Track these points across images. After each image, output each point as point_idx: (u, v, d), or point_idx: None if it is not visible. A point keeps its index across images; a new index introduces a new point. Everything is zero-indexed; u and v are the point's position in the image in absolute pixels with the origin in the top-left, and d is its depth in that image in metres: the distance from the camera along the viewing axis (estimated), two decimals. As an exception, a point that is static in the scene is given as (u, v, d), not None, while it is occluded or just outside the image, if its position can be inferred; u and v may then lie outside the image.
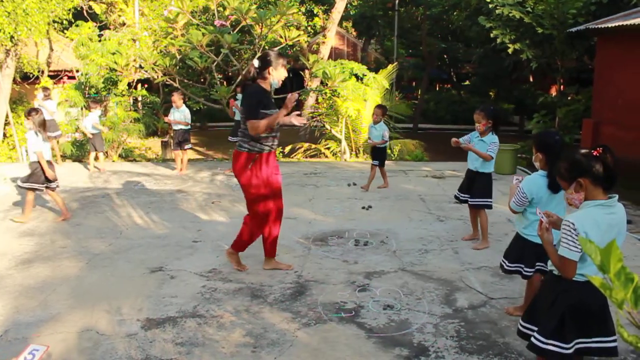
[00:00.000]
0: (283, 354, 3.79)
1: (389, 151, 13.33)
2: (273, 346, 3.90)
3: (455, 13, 23.47)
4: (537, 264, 4.17)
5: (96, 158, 10.86)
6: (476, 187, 6.10)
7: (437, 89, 34.18)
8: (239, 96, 10.28)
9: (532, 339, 2.99)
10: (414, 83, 32.02)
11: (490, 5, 12.39)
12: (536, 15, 11.76)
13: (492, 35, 12.78)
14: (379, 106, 8.99)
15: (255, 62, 5.09)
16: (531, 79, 25.35)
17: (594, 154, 2.79)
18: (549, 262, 3.01)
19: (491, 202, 6.08)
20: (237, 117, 10.14)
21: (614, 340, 2.91)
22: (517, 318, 3.29)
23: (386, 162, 12.40)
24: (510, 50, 12.63)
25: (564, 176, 2.94)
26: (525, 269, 4.24)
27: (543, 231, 3.00)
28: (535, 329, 3.02)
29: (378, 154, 8.90)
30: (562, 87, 13.57)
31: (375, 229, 6.72)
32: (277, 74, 5.08)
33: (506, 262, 4.35)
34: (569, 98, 13.79)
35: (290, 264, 5.51)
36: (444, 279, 5.14)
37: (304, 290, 4.88)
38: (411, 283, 5.05)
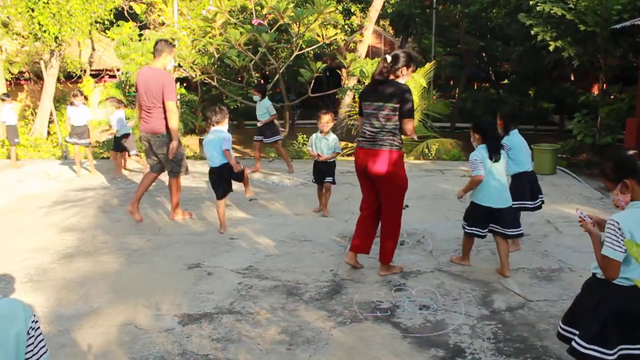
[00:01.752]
0: (318, 352, 3.80)
1: (426, 150, 13.22)
2: (308, 344, 3.91)
3: (494, 11, 23.15)
4: (491, 225, 5.15)
5: (128, 157, 11.01)
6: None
7: (475, 87, 33.73)
8: (256, 98, 10.20)
9: (573, 343, 2.92)
10: (451, 82, 31.65)
11: (530, 2, 12.17)
12: (578, 11, 11.51)
13: (532, 32, 12.55)
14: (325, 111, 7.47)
15: (388, 58, 4.97)
16: (572, 78, 24.82)
17: (633, 154, 2.72)
18: (592, 265, 2.94)
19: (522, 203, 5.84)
20: (263, 117, 10.14)
21: None
22: (557, 322, 3.21)
23: (424, 160, 12.32)
24: (551, 48, 12.38)
25: (609, 176, 2.89)
26: (481, 231, 5.20)
27: (588, 228, 2.95)
28: (577, 332, 2.95)
29: (329, 169, 7.36)
30: (604, 85, 13.25)
31: (411, 228, 6.67)
32: (406, 77, 5.02)
33: (465, 224, 5.31)
34: (612, 97, 13.46)
35: (401, 266, 5.40)
36: (481, 280, 5.07)
37: (339, 289, 4.88)
38: (448, 283, 5.00)
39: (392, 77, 4.96)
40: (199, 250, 5.92)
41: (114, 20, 16.62)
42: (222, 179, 6.47)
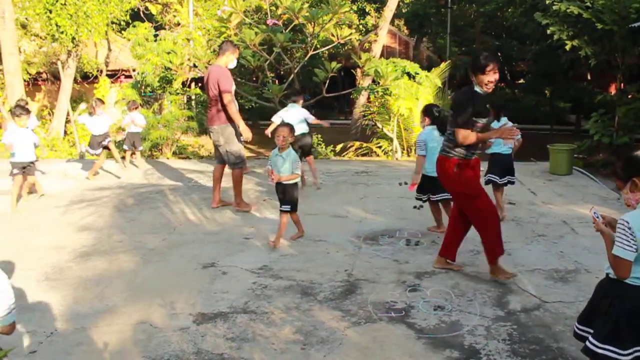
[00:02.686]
0: (332, 352, 3.80)
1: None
2: (322, 344, 3.91)
3: (509, 10, 23.04)
4: (439, 194, 6.18)
5: (133, 155, 11.12)
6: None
7: (491, 87, 33.57)
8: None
9: (587, 342, 2.93)
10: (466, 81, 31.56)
11: (546, 2, 12.07)
12: (596, 10, 11.40)
13: (548, 32, 12.45)
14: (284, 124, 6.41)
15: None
16: (589, 77, 24.60)
17: None
18: (605, 266, 2.94)
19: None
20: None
21: None
22: (573, 323, 3.20)
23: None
24: (567, 47, 12.27)
25: (619, 175, 2.90)
26: (432, 197, 6.32)
27: (600, 227, 2.95)
28: (591, 331, 2.96)
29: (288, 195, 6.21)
30: (622, 85, 13.10)
31: (426, 228, 6.65)
32: (481, 80, 4.73)
33: (429, 196, 6.35)
34: (630, 96, 13.30)
35: (461, 265, 5.34)
36: (496, 280, 5.04)
37: (354, 289, 4.87)
38: (462, 284, 4.98)
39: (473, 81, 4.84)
40: (214, 250, 5.94)
41: (130, 21, 16.74)
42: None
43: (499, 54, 26.98)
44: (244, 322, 4.26)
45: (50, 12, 14.06)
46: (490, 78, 4.69)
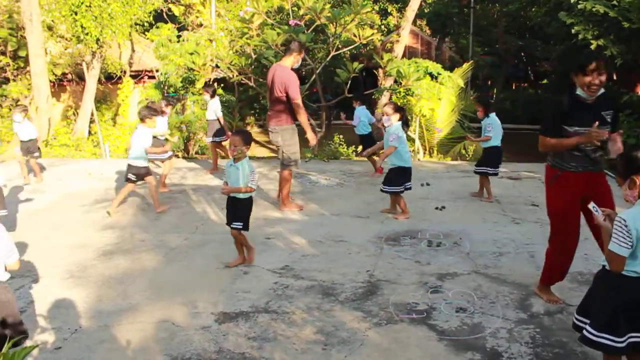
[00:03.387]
0: (353, 353, 3.79)
1: (463, 151, 13.10)
2: (343, 345, 3.90)
3: (533, 9, 22.78)
4: (405, 184, 7.13)
5: None
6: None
7: (514, 87, 33.24)
8: (206, 97, 10.29)
9: (584, 332, 3.08)
10: (489, 82, 31.25)
11: (571, 1, 11.93)
12: (622, 9, 11.23)
13: (573, 31, 12.30)
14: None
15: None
16: (614, 77, 24.25)
17: None
18: (602, 258, 3.09)
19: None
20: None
21: None
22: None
23: (461, 161, 12.20)
24: (592, 47, 12.12)
25: (620, 173, 3.05)
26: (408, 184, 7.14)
27: (599, 222, 3.10)
28: (587, 321, 3.11)
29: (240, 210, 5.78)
30: (649, 85, 12.90)
31: (448, 229, 6.61)
32: (581, 82, 4.04)
33: (401, 185, 7.08)
34: (657, 96, 13.11)
35: (559, 299, 4.62)
36: (519, 283, 4.99)
37: (375, 290, 4.86)
38: (485, 286, 4.94)
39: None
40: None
41: (153, 22, 16.88)
42: None
43: (522, 53, 26.74)
44: (266, 321, 4.27)
45: (76, 14, 14.23)
46: (592, 79, 3.96)
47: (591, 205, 3.17)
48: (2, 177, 6.32)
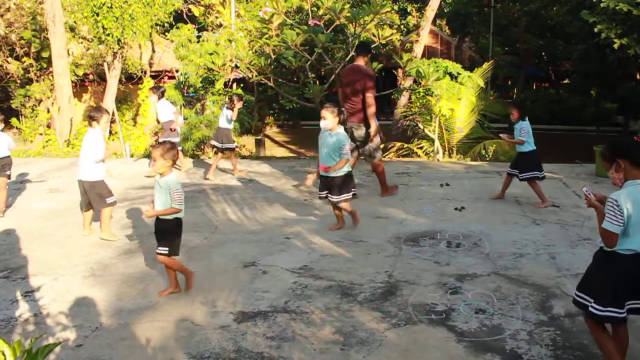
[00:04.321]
0: (372, 354, 3.79)
1: (483, 151, 13.01)
2: (362, 345, 3.90)
3: (554, 8, 22.55)
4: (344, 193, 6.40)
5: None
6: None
7: (534, 87, 32.95)
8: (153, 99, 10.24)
9: (590, 308, 3.31)
10: (509, 82, 31.00)
11: (594, -1, 11.80)
12: (646, 8, 11.07)
13: (595, 30, 12.15)
14: None
15: None
16: (638, 77, 23.93)
17: (636, 139, 3.28)
18: (598, 240, 3.35)
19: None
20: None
21: None
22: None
23: (481, 162, 12.12)
24: (615, 46, 11.95)
25: (605, 157, 3.35)
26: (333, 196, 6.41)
27: (593, 203, 3.38)
28: (590, 300, 3.33)
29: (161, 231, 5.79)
30: (673, 85, 12.72)
31: (468, 230, 6.57)
32: None
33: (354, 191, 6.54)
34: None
35: None
36: (539, 284, 4.95)
37: (394, 290, 4.85)
38: (504, 287, 4.90)
39: None
40: (255, 249, 5.99)
41: (173, 23, 17.01)
42: None
43: (543, 53, 26.48)
44: (284, 321, 4.28)
45: (98, 15, 14.39)
46: None
47: (584, 189, 3.44)
48: None
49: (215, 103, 15.01)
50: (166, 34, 17.97)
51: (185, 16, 18.87)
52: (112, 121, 16.49)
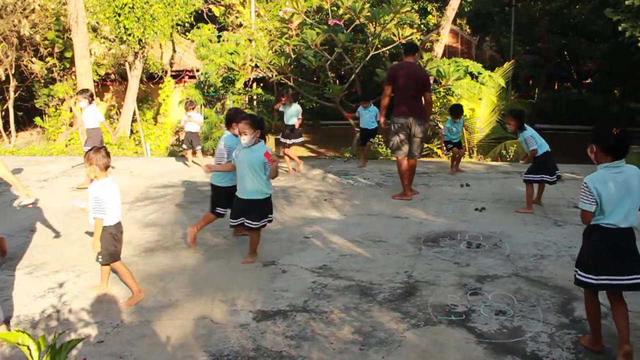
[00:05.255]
0: (391, 354, 3.78)
1: (504, 151, 12.92)
2: (381, 345, 3.89)
3: (577, 7, 22.32)
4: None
5: (194, 154, 11.24)
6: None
7: (556, 87, 32.64)
8: (83, 104, 9.23)
9: (575, 275, 3.77)
10: (530, 81, 30.74)
11: (618, -3, 11.67)
12: (671, 6, 10.92)
13: (619, 28, 12.01)
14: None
15: None
16: (662, 76, 23.57)
17: (613, 130, 3.57)
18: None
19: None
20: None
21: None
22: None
23: (501, 162, 12.03)
24: (640, 45, 11.81)
25: (588, 140, 3.74)
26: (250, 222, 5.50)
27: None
28: (577, 269, 3.76)
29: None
30: (698, 84, 12.51)
31: (488, 231, 6.53)
32: None
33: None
34: None
35: None
36: (561, 286, 4.89)
37: (413, 291, 4.83)
38: (525, 289, 4.86)
39: None
40: (274, 248, 6.00)
41: (194, 23, 17.12)
42: None
43: (565, 52, 26.21)
44: (303, 320, 4.29)
45: (119, 15, 14.54)
46: None
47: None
48: None
49: (235, 102, 15.08)
50: (187, 33, 18.11)
51: (205, 16, 18.98)
52: (133, 120, 16.65)
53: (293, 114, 10.28)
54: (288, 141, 10.49)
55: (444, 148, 9.79)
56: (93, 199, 4.54)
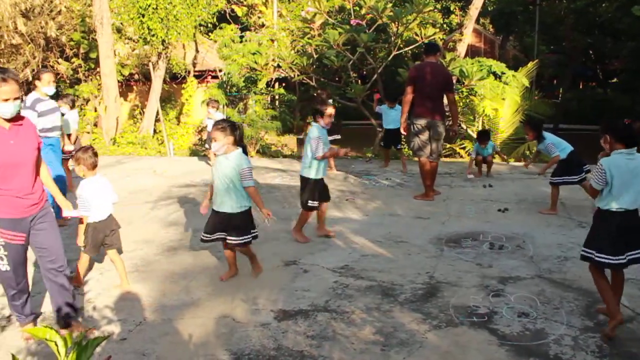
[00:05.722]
0: (412, 355, 3.77)
1: (527, 152, 12.78)
2: (402, 346, 3.88)
3: (603, 5, 22.01)
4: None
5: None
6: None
7: (581, 86, 32.21)
8: (64, 110, 8.27)
9: (591, 256, 4.10)
10: (555, 81, 30.37)
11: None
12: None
13: (647, 27, 11.82)
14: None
15: None
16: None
17: (625, 121, 4.13)
18: (595, 202, 4.22)
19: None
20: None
21: None
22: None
23: (524, 163, 11.90)
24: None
25: (601, 131, 4.19)
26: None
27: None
28: (592, 251, 4.09)
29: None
30: None
31: (511, 232, 6.47)
32: None
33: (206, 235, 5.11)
34: None
35: None
36: (585, 289, 4.83)
37: (435, 292, 4.81)
38: (548, 291, 4.81)
39: None
40: (296, 248, 6.01)
41: (217, 23, 17.22)
42: None
43: (590, 51, 25.84)
44: (325, 320, 4.29)
45: (143, 16, 14.67)
46: None
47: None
48: None
49: (257, 102, 15.14)
50: (209, 34, 18.21)
51: (228, 16, 19.08)
52: (157, 120, 16.80)
53: None
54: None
55: (473, 163, 9.67)
56: (78, 197, 4.77)
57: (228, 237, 5.00)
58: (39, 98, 6.68)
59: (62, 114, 7.68)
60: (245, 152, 5.11)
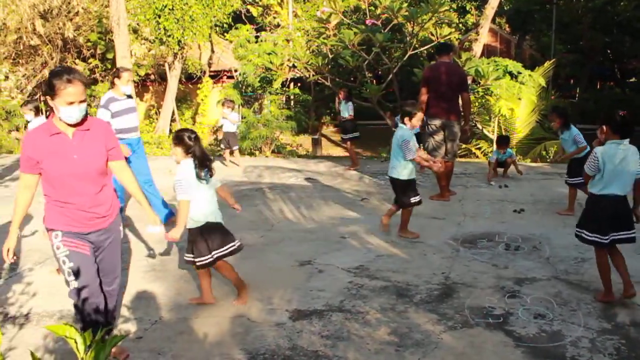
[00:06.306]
0: (427, 356, 3.76)
1: (543, 152, 12.69)
2: (417, 347, 3.87)
3: (622, 3, 21.79)
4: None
5: (231, 154, 11.31)
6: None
7: (598, 86, 31.91)
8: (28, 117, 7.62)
9: (582, 234, 4.58)
10: (572, 81, 30.12)
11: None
12: None
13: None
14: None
15: None
16: None
17: (620, 113, 4.46)
18: (589, 187, 4.58)
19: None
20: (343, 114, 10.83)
21: (634, 233, 4.51)
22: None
23: (541, 163, 11.82)
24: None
25: (600, 122, 4.58)
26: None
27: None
28: (583, 230, 4.59)
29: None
30: None
31: (527, 233, 6.43)
32: None
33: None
34: None
35: None
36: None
37: (450, 293, 4.79)
38: (565, 293, 4.77)
39: None
40: (311, 248, 6.02)
41: (232, 23, 17.28)
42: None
43: (608, 50, 25.60)
44: (339, 320, 4.29)
45: (159, 17, 14.78)
46: None
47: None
48: None
49: (272, 102, 15.17)
50: (225, 34, 18.29)
51: (243, 17, 19.16)
52: (172, 120, 16.90)
53: (344, 108, 10.83)
54: (344, 136, 11.23)
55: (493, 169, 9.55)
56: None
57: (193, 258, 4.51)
58: (113, 97, 6.46)
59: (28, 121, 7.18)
60: (204, 160, 4.67)
